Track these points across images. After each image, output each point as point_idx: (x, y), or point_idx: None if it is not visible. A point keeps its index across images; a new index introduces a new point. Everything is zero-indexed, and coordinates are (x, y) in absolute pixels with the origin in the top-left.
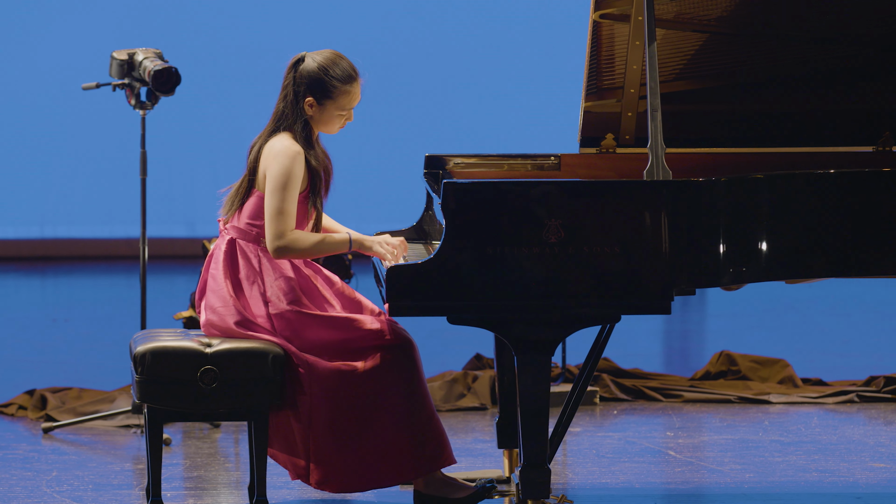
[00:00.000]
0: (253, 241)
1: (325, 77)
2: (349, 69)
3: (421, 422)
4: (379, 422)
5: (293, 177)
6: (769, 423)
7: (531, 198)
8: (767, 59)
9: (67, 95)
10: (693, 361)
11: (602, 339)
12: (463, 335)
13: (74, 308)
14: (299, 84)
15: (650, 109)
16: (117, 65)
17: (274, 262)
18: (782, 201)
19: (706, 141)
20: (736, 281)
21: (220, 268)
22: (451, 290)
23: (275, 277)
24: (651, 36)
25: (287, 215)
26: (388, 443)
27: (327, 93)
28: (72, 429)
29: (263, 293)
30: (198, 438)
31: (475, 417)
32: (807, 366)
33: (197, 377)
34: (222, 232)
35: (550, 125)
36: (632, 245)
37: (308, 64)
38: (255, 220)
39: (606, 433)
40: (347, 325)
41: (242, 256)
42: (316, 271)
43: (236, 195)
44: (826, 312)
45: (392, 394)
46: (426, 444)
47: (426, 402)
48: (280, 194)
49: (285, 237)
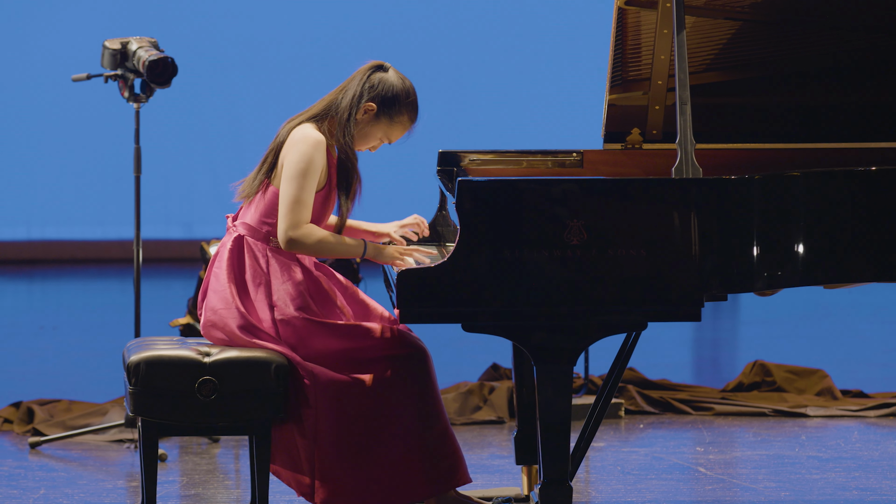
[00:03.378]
0: (262, 239)
1: (401, 99)
2: (416, 108)
3: (434, 437)
4: (389, 437)
5: (313, 164)
6: (806, 438)
7: (552, 197)
8: (805, 48)
9: (56, 87)
10: (725, 372)
11: (627, 347)
12: (479, 344)
13: (63, 315)
14: (372, 88)
15: (679, 102)
16: (110, 54)
17: (283, 263)
18: (820, 200)
19: (739, 136)
20: (770, 286)
21: (224, 267)
22: (466, 295)
23: (283, 281)
24: (680, 24)
25: (303, 205)
26: (398, 459)
27: (391, 112)
28: (61, 444)
29: (269, 297)
30: (195, 454)
31: (492, 431)
32: (847, 376)
33: (195, 388)
34: (230, 229)
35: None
36: (659, 247)
37: (392, 77)
38: (269, 217)
39: (632, 448)
40: (357, 334)
41: (250, 255)
42: (328, 275)
43: (252, 181)
44: (867, 319)
45: (403, 407)
46: (440, 460)
47: (440, 416)
48: (298, 181)
49: (299, 228)
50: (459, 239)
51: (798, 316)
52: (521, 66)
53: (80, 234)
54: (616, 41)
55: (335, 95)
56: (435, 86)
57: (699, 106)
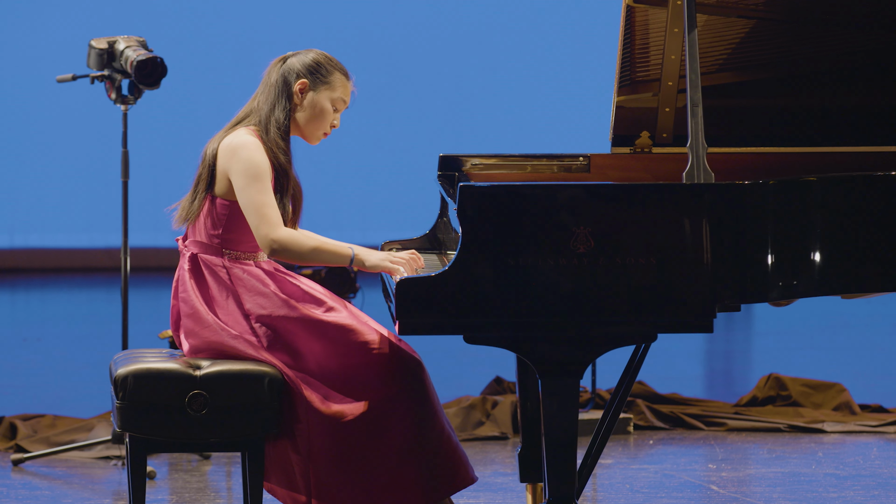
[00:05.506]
0: (217, 253)
1: (322, 62)
2: (342, 65)
3: (432, 445)
4: (385, 450)
5: (260, 165)
6: (823, 455)
7: (557, 203)
8: (821, 48)
9: (40, 88)
10: (738, 385)
11: (636, 360)
12: (481, 356)
13: (48, 326)
14: (290, 71)
15: (690, 104)
16: (96, 54)
17: (245, 270)
18: (838, 206)
19: (753, 139)
20: (786, 296)
21: (189, 289)
22: (468, 305)
23: (248, 288)
24: (691, 22)
25: (269, 207)
26: (395, 472)
27: (324, 76)
28: (45, 461)
29: (241, 306)
30: (185, 471)
31: (495, 448)
32: (866, 391)
33: (185, 403)
34: (182, 252)
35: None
36: (669, 255)
37: (301, 55)
38: (215, 229)
39: (641, 465)
40: (345, 341)
41: (209, 272)
42: (293, 277)
43: (190, 204)
44: (887, 331)
45: (398, 419)
46: (437, 468)
47: (436, 424)
48: (254, 186)
49: (278, 229)
50: (461, 247)
51: (815, 327)
52: (524, 67)
53: (65, 242)
54: (624, 40)
55: (254, 101)
56: (435, 87)
57: (711, 108)
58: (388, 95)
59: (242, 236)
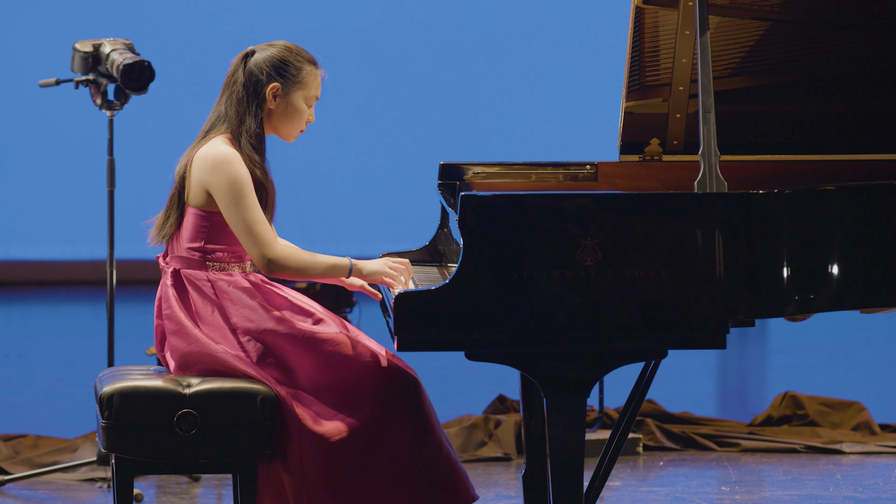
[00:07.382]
0: (199, 267)
1: (289, 58)
2: (308, 53)
3: (428, 463)
4: (380, 470)
5: (244, 181)
6: (841, 477)
7: (563, 213)
8: (840, 52)
9: (22, 93)
10: (752, 404)
11: (646, 378)
12: (484, 373)
13: (30, 342)
14: (258, 73)
15: (702, 110)
16: (80, 57)
17: (229, 282)
18: (857, 217)
19: (767, 147)
20: (802, 310)
21: (173, 305)
22: (470, 320)
23: (234, 301)
24: (703, 24)
25: (260, 224)
26: (391, 492)
27: (295, 74)
28: (27, 483)
29: (227, 320)
30: (174, 494)
31: (498, 469)
32: (886, 410)
33: (174, 422)
34: (164, 269)
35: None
36: (680, 268)
37: (265, 51)
38: (195, 241)
39: (651, 488)
40: (336, 354)
41: (192, 287)
42: (279, 288)
43: (164, 223)
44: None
45: (393, 438)
46: (434, 486)
47: (433, 442)
48: (240, 203)
49: (273, 247)
50: (462, 259)
51: (832, 343)
52: (528, 70)
53: (49, 254)
54: (633, 43)
55: (219, 106)
56: (436, 93)
57: (724, 114)
58: (386, 100)
59: (225, 245)
